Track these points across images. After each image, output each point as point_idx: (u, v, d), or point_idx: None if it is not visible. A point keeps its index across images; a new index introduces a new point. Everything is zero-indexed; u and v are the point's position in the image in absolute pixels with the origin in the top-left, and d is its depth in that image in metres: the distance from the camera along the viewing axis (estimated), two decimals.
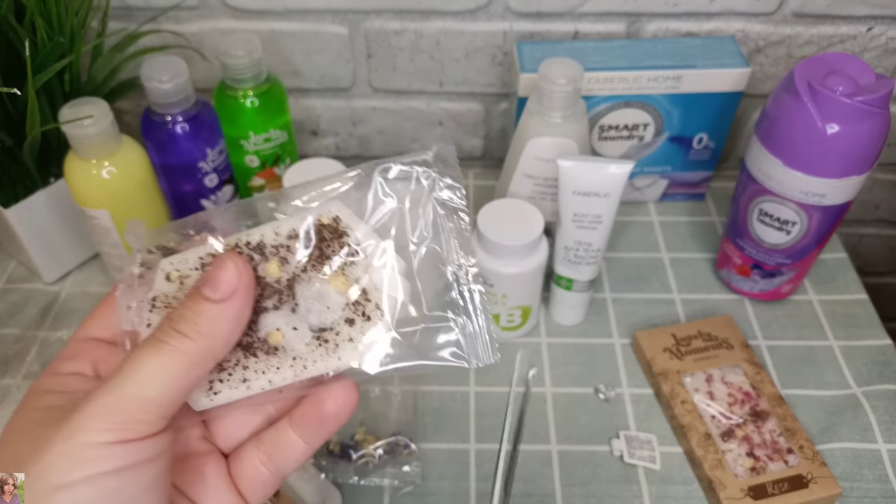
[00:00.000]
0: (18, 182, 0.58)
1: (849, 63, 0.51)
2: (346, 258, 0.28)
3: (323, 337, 0.27)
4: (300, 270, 0.28)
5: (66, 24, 0.54)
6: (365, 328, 0.27)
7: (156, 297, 0.28)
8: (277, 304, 0.28)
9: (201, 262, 0.28)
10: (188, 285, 0.28)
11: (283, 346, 0.27)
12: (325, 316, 0.27)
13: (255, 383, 0.27)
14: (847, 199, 0.53)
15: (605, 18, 0.65)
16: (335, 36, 0.67)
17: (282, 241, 0.28)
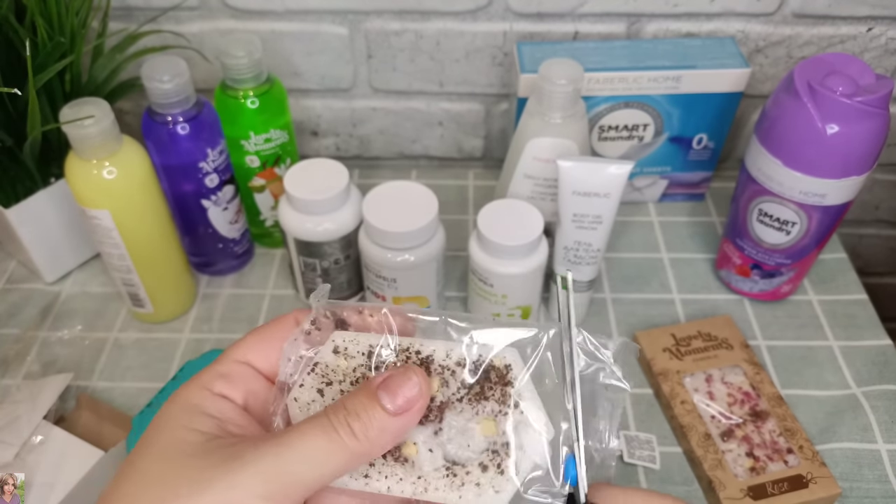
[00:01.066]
0: (19, 182, 0.58)
1: (849, 63, 0.51)
2: (502, 407, 0.28)
3: (453, 470, 0.28)
4: (456, 399, 0.29)
5: (66, 24, 0.54)
6: (495, 481, 0.28)
7: (317, 364, 0.29)
8: (423, 421, 0.28)
9: (370, 349, 0.29)
10: (350, 365, 0.29)
11: (413, 461, 0.28)
12: (462, 452, 0.28)
13: (374, 483, 0.28)
14: (847, 200, 0.53)
15: (606, 19, 0.65)
16: (335, 36, 0.67)
17: (450, 364, 0.29)
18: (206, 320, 0.61)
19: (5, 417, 0.49)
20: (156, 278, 0.57)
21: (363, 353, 0.29)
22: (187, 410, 0.27)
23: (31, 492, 0.46)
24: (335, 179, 0.55)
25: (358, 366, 0.29)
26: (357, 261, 0.58)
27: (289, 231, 0.55)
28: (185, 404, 0.27)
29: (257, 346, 0.30)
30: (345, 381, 0.29)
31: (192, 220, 0.60)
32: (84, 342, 0.59)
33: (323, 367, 0.29)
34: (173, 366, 0.57)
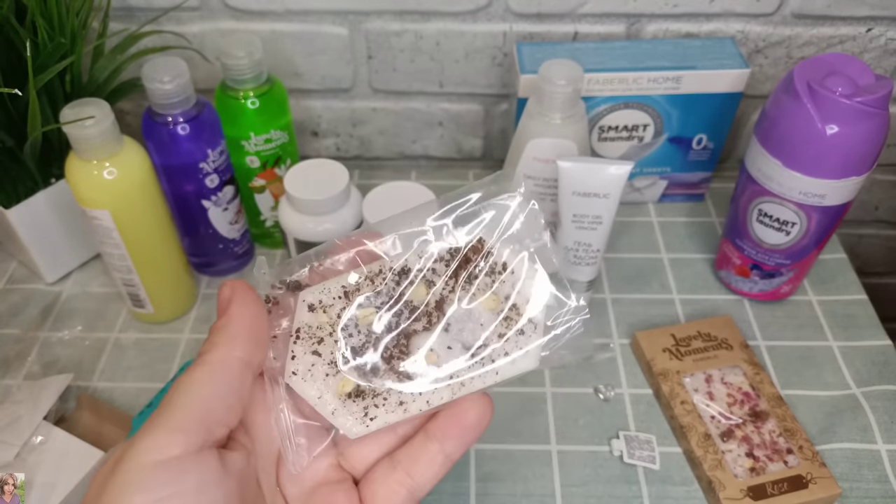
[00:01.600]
0: (19, 182, 0.58)
1: (848, 64, 0.51)
2: (493, 276, 0.29)
3: (478, 354, 0.28)
4: (448, 292, 0.29)
5: (67, 24, 0.54)
6: (520, 342, 0.28)
7: (299, 329, 0.29)
8: (428, 326, 0.29)
9: (344, 290, 0.29)
10: (332, 314, 0.29)
11: (438, 366, 0.28)
12: (478, 333, 0.28)
13: (412, 405, 0.28)
14: (846, 200, 0.53)
15: (605, 19, 0.66)
16: (335, 37, 0.67)
17: (426, 265, 0.29)
18: (207, 321, 0.61)
19: (6, 418, 0.49)
20: (156, 279, 0.57)
21: (338, 296, 0.29)
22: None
23: (31, 492, 0.46)
24: (335, 180, 0.55)
25: (340, 310, 0.29)
26: None
27: (289, 231, 0.55)
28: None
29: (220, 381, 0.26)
30: (334, 331, 0.29)
31: (192, 220, 0.60)
32: (84, 342, 0.59)
33: (306, 330, 0.29)
34: (174, 366, 0.57)
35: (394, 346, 0.29)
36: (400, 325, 0.29)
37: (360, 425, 0.28)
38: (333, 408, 0.28)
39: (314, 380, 0.28)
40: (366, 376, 0.28)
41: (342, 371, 0.28)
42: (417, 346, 0.28)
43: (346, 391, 0.28)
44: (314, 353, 0.29)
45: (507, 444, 0.51)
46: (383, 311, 0.29)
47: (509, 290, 0.29)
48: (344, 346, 0.29)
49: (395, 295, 0.29)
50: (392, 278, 0.29)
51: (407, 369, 0.28)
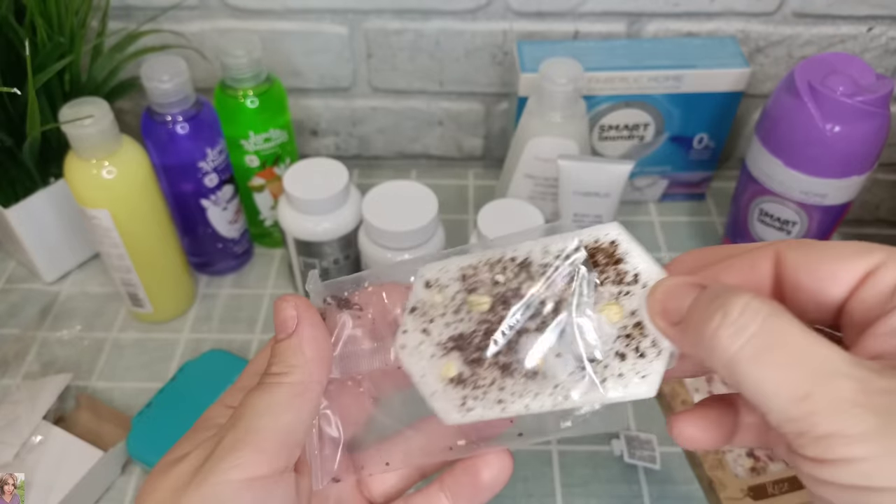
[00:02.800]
0: (18, 182, 0.58)
1: (849, 63, 0.51)
2: (621, 287, 0.26)
3: (589, 369, 0.26)
4: (569, 294, 0.27)
5: (65, 23, 0.54)
6: (638, 366, 0.26)
7: (415, 307, 0.28)
8: (541, 327, 0.27)
9: (462, 273, 0.28)
10: (447, 295, 0.28)
11: (544, 372, 0.26)
12: (593, 346, 0.26)
13: (510, 406, 0.27)
14: (847, 200, 0.53)
15: (606, 18, 0.65)
16: (335, 36, 0.67)
17: (550, 261, 0.27)
18: (206, 320, 0.61)
19: (5, 417, 0.49)
20: (155, 278, 0.57)
21: (455, 278, 0.28)
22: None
23: (31, 492, 0.46)
24: (335, 179, 0.54)
25: (455, 293, 0.28)
26: (357, 261, 0.58)
27: (288, 231, 0.55)
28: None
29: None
30: (446, 312, 0.28)
31: (191, 219, 0.59)
32: (83, 342, 0.59)
33: (421, 306, 0.28)
34: (173, 366, 0.57)
35: (503, 340, 0.27)
36: (513, 319, 0.27)
37: (457, 413, 0.27)
38: (434, 390, 0.27)
39: (420, 357, 0.27)
40: (470, 365, 0.27)
41: (449, 356, 0.27)
42: (526, 347, 0.27)
43: (450, 375, 0.27)
44: (423, 332, 0.28)
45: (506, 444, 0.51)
46: (497, 302, 0.27)
47: (636, 306, 0.26)
48: (454, 330, 0.27)
49: (512, 287, 0.27)
50: (513, 269, 0.27)
51: (512, 367, 0.27)
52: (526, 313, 0.27)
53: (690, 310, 0.22)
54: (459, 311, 0.28)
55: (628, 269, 0.26)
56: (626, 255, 0.26)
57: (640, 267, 0.26)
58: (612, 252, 0.27)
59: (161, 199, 0.55)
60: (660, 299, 0.24)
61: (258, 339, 0.59)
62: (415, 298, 0.28)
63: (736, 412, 0.25)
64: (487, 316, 0.27)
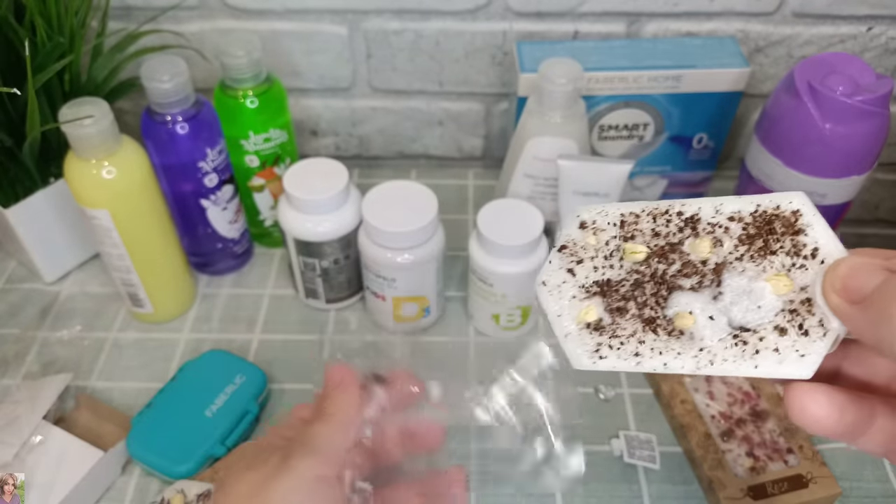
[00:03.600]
0: (18, 182, 0.58)
1: (849, 63, 0.51)
2: (796, 259, 0.24)
3: (742, 337, 0.24)
4: (735, 258, 0.25)
5: (65, 23, 0.54)
6: (799, 343, 0.23)
7: (566, 244, 0.27)
8: (696, 287, 0.25)
9: (622, 218, 0.27)
10: (601, 239, 0.27)
11: (692, 333, 0.24)
12: (751, 314, 0.24)
13: (647, 361, 0.25)
14: (847, 199, 0.53)
15: (605, 18, 0.65)
16: (335, 36, 0.67)
17: (721, 221, 0.25)
18: (206, 320, 0.61)
19: (5, 417, 0.49)
20: (155, 278, 0.57)
21: (614, 223, 0.27)
22: None
23: (31, 492, 0.46)
24: (335, 179, 0.54)
25: (610, 238, 0.27)
26: (357, 260, 0.58)
27: (288, 231, 0.55)
28: None
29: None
30: (597, 256, 0.26)
31: (191, 219, 0.59)
32: (83, 342, 0.59)
33: (571, 246, 0.27)
34: (173, 366, 0.57)
35: (653, 292, 0.25)
36: (667, 273, 0.25)
37: (587, 359, 0.25)
38: (568, 331, 0.26)
39: (560, 297, 0.26)
40: (612, 313, 0.26)
41: (591, 300, 0.26)
42: (677, 304, 0.25)
43: (587, 320, 0.26)
44: (569, 271, 0.27)
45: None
46: (655, 254, 0.26)
47: (809, 281, 0.23)
48: (601, 275, 0.26)
49: (674, 241, 0.26)
50: (678, 222, 0.26)
51: (657, 323, 0.25)
52: (684, 270, 0.25)
53: (880, 289, 0.21)
54: (611, 258, 0.26)
55: (807, 242, 0.24)
56: (808, 228, 0.24)
57: (822, 242, 0.24)
58: (792, 222, 0.24)
59: (161, 200, 0.55)
60: (842, 275, 0.22)
61: (258, 338, 0.59)
62: (565, 236, 0.27)
63: (872, 408, 0.24)
64: (641, 267, 0.26)
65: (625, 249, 0.26)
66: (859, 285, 0.22)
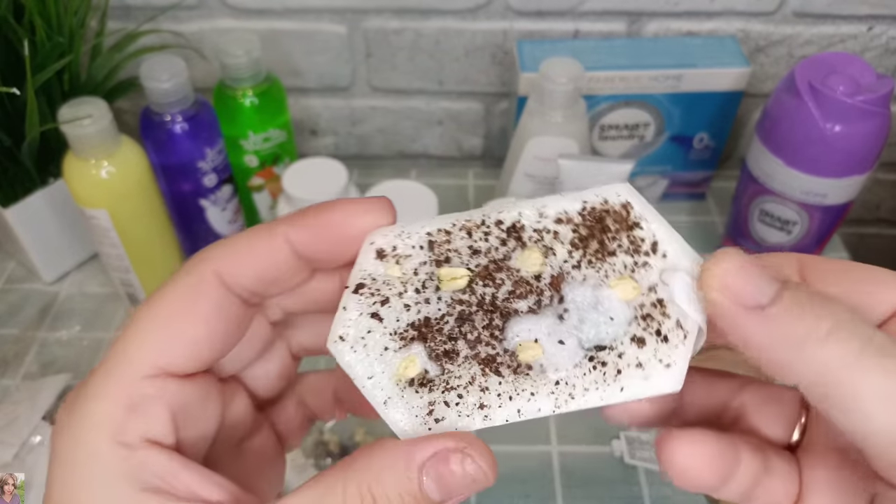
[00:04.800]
0: (17, 182, 0.58)
1: (849, 63, 0.51)
2: (636, 257, 0.21)
3: (599, 358, 0.21)
4: (572, 266, 0.22)
5: (65, 23, 0.54)
6: (661, 352, 0.21)
7: (361, 285, 0.22)
8: (535, 308, 0.21)
9: (429, 238, 0.22)
10: (408, 268, 0.22)
11: (542, 365, 0.21)
12: (604, 329, 0.21)
13: (497, 412, 0.21)
14: (848, 199, 0.53)
15: (606, 17, 0.65)
16: (334, 35, 0.67)
17: (547, 226, 0.22)
18: None
19: (4, 418, 0.49)
20: (154, 278, 0.57)
21: (420, 245, 0.22)
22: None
23: (31, 492, 0.46)
24: (334, 179, 0.54)
25: (418, 265, 0.22)
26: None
27: None
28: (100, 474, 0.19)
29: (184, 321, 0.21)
30: (406, 290, 0.22)
31: (190, 219, 0.59)
32: (82, 342, 0.59)
33: (370, 283, 0.22)
34: None
35: (484, 324, 0.21)
36: (497, 298, 0.21)
37: (421, 426, 0.21)
38: (388, 396, 0.21)
39: (367, 353, 0.21)
40: (439, 360, 0.21)
41: (410, 349, 0.21)
42: (517, 334, 0.21)
43: (409, 375, 0.21)
44: (373, 317, 0.21)
45: (507, 445, 0.51)
46: (477, 276, 0.22)
47: (655, 280, 0.21)
48: (416, 314, 0.21)
49: (497, 257, 0.22)
50: (497, 235, 0.22)
51: (498, 361, 0.21)
52: (516, 290, 0.21)
53: (785, 303, 0.18)
54: (425, 289, 0.22)
55: (644, 236, 0.22)
56: (642, 221, 0.22)
57: (660, 234, 0.21)
58: (624, 216, 0.22)
59: (160, 199, 0.55)
60: (731, 274, 0.19)
61: None
62: (361, 273, 0.22)
63: (735, 447, 0.21)
64: (463, 295, 0.22)
65: (440, 277, 0.22)
66: (752, 291, 0.19)
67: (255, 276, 0.22)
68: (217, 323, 0.21)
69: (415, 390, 0.21)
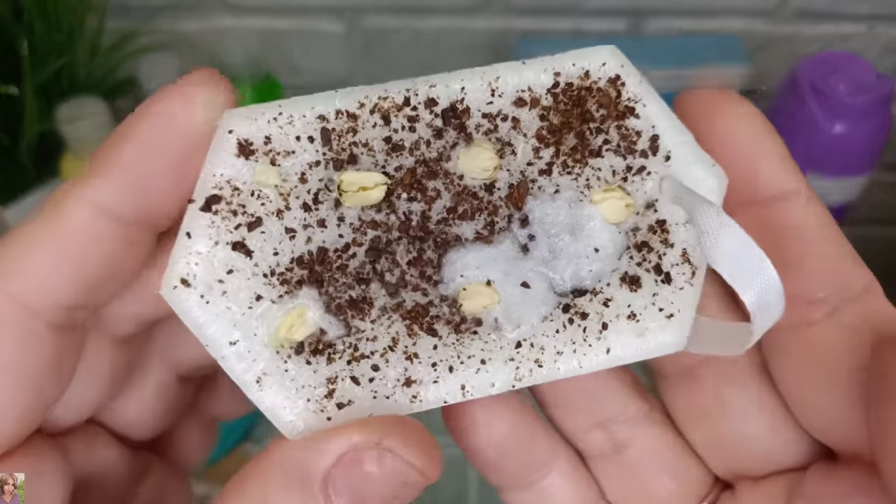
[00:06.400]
0: (15, 181, 0.58)
1: (850, 62, 0.51)
2: (629, 159, 0.15)
3: (578, 307, 0.15)
4: (540, 171, 0.15)
5: (63, 22, 0.54)
6: (660, 297, 0.15)
7: (215, 197, 0.14)
8: (486, 234, 0.15)
9: (322, 125, 0.14)
10: (290, 170, 0.14)
11: (496, 320, 0.15)
12: (585, 266, 0.15)
13: (430, 391, 0.15)
14: (849, 199, 0.53)
15: (607, 15, 0.65)
16: (333, 33, 0.67)
17: (503, 109, 0.15)
18: None
19: None
20: None
21: (309, 136, 0.14)
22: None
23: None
24: None
25: (307, 167, 0.14)
26: None
27: None
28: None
29: None
30: (289, 206, 0.14)
31: None
32: None
33: (230, 196, 0.14)
34: None
35: (411, 259, 0.14)
36: (430, 219, 0.15)
37: (316, 415, 0.14)
38: (262, 371, 0.14)
39: (228, 305, 0.14)
40: (341, 314, 0.14)
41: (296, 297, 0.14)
42: (460, 272, 0.14)
43: (296, 339, 0.14)
44: (237, 248, 0.14)
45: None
46: (399, 185, 0.15)
47: (655, 192, 0.15)
48: (304, 243, 0.14)
49: (429, 156, 0.15)
50: (429, 121, 0.15)
51: (433, 314, 0.14)
52: (458, 207, 0.15)
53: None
54: (318, 205, 0.14)
55: (641, 128, 0.15)
56: (637, 103, 0.16)
57: (662, 125, 0.15)
58: (613, 97, 0.15)
59: None
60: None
61: None
62: (214, 179, 0.14)
63: (553, 445, 0.18)
64: (378, 214, 0.14)
65: (342, 186, 0.14)
66: None
67: (71, 280, 0.14)
68: (28, 367, 0.14)
69: (305, 361, 0.14)
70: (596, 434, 0.17)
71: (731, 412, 0.16)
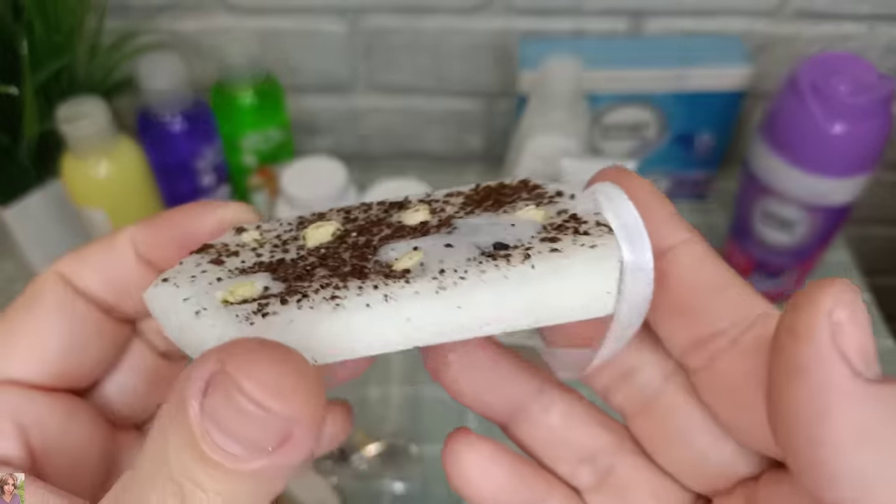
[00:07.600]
0: (15, 181, 0.58)
1: (852, 62, 0.51)
2: (540, 201, 0.18)
3: (500, 254, 0.16)
4: (464, 214, 0.18)
5: (63, 22, 0.54)
6: (580, 240, 0.16)
7: (209, 245, 0.18)
8: (416, 233, 0.17)
9: (299, 220, 0.19)
10: (268, 235, 0.18)
11: (423, 265, 0.16)
12: (505, 232, 0.17)
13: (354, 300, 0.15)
14: (850, 199, 0.53)
15: (608, 16, 0.65)
16: (333, 33, 0.66)
17: (436, 197, 0.19)
18: None
19: None
20: None
21: (289, 223, 0.19)
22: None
23: None
24: (333, 178, 0.54)
25: (283, 232, 0.18)
26: None
27: None
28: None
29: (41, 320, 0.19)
30: (264, 244, 0.18)
31: None
32: None
33: (219, 246, 0.18)
34: None
35: (352, 255, 0.17)
36: (372, 241, 0.17)
37: (238, 325, 0.15)
38: (202, 306, 0.16)
39: (191, 284, 0.16)
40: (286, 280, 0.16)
41: (250, 276, 0.16)
42: (393, 248, 0.17)
43: (242, 296, 0.16)
44: (213, 262, 0.17)
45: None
46: (351, 229, 0.18)
47: (566, 207, 0.17)
48: (269, 257, 0.17)
49: (378, 216, 0.18)
50: (380, 208, 0.19)
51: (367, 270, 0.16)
52: (396, 233, 0.18)
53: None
54: (284, 246, 0.18)
55: (548, 189, 0.18)
56: (546, 184, 0.19)
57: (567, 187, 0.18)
58: (524, 183, 0.19)
59: (157, 199, 0.55)
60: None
61: None
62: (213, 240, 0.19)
63: (548, 486, 0.19)
64: (330, 243, 0.18)
65: (305, 235, 0.18)
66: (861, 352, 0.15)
67: (100, 278, 0.19)
68: (61, 324, 0.19)
69: (249, 303, 0.16)
70: (584, 469, 0.19)
71: (684, 436, 0.18)
